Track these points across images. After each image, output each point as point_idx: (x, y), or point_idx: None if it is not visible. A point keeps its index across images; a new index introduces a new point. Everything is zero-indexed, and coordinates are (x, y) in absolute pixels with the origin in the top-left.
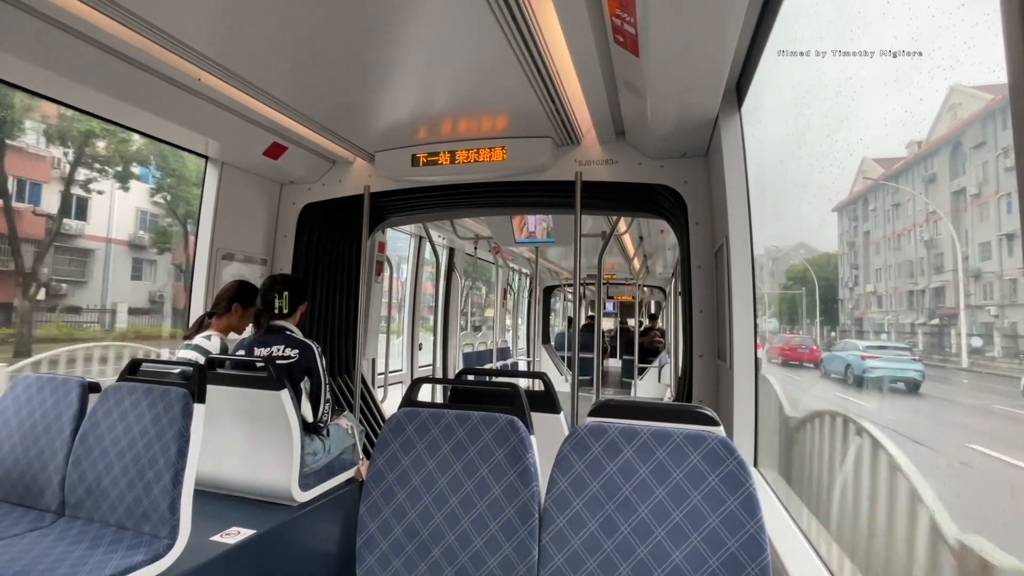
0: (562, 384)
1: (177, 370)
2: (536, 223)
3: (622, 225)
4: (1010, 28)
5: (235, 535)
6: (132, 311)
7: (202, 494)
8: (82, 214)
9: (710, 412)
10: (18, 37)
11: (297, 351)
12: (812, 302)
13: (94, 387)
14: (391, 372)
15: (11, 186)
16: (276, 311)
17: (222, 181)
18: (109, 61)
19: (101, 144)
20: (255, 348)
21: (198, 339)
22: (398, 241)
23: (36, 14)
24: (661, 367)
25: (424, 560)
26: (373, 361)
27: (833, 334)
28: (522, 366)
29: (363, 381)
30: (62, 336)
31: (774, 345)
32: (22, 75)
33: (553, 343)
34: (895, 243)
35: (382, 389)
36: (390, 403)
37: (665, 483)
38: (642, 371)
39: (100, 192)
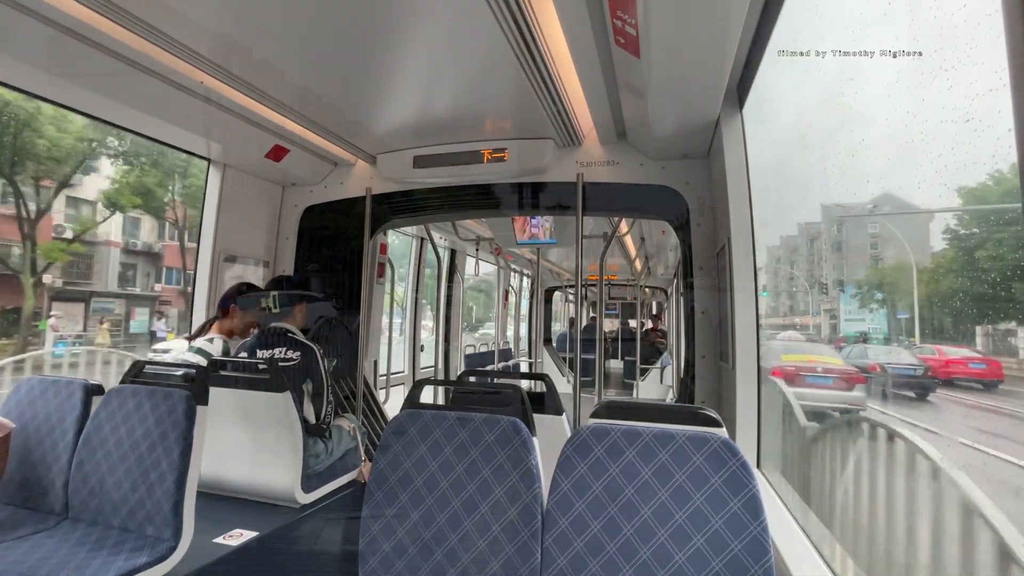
0: (564, 385)
1: (180, 372)
2: (538, 224)
3: (624, 226)
4: (1011, 27)
5: (238, 537)
6: None
7: (205, 496)
8: None
9: (712, 413)
10: (21, 41)
11: (299, 353)
12: None
13: (97, 389)
14: (393, 374)
15: None
16: (275, 312)
17: (224, 183)
18: (112, 64)
19: None
20: (257, 350)
21: (200, 342)
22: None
23: (39, 18)
24: (663, 368)
25: (427, 562)
26: (375, 363)
27: None
28: (524, 368)
29: (365, 383)
30: None
31: None
32: (24, 78)
33: (555, 344)
34: None
35: (384, 391)
36: (392, 405)
37: (668, 485)
38: (644, 372)
39: None
